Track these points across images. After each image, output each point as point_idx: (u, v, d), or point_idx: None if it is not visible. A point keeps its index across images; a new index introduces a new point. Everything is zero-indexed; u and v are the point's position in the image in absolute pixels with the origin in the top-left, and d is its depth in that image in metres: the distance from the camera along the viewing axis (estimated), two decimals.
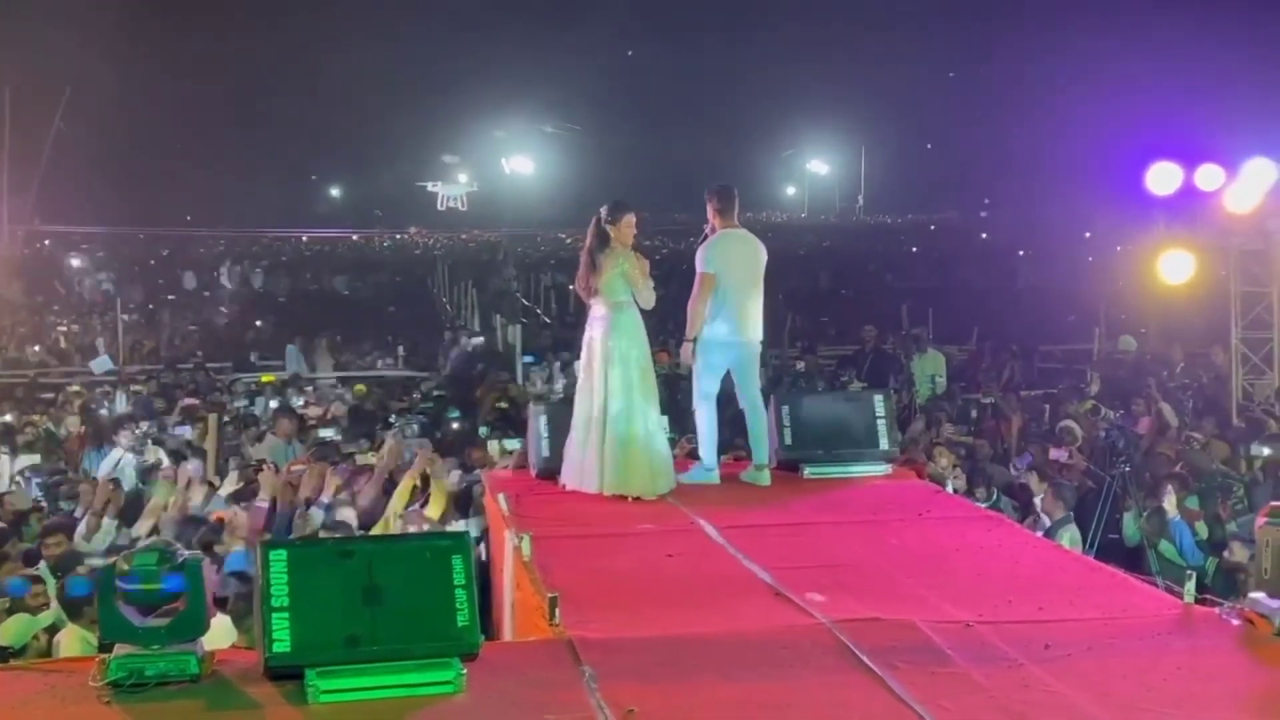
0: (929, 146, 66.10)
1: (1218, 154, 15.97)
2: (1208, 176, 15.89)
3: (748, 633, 6.26)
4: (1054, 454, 12.92)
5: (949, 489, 10.00)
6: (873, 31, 70.72)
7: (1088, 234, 43.22)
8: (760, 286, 9.87)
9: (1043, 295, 30.93)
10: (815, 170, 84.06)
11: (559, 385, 19.55)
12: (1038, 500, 11.38)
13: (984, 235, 53.64)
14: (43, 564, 9.48)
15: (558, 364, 21.24)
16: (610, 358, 9.29)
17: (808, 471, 9.80)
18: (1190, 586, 6.58)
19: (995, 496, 11.47)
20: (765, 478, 9.71)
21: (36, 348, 25.54)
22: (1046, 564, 7.53)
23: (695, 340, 9.68)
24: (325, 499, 10.87)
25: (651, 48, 73.56)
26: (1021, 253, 43.99)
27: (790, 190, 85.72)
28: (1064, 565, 7.52)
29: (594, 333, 9.40)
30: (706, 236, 9.81)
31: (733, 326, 9.72)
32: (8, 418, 17.09)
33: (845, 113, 72.97)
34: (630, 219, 9.43)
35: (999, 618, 6.38)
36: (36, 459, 14.37)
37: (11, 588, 8.44)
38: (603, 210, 9.46)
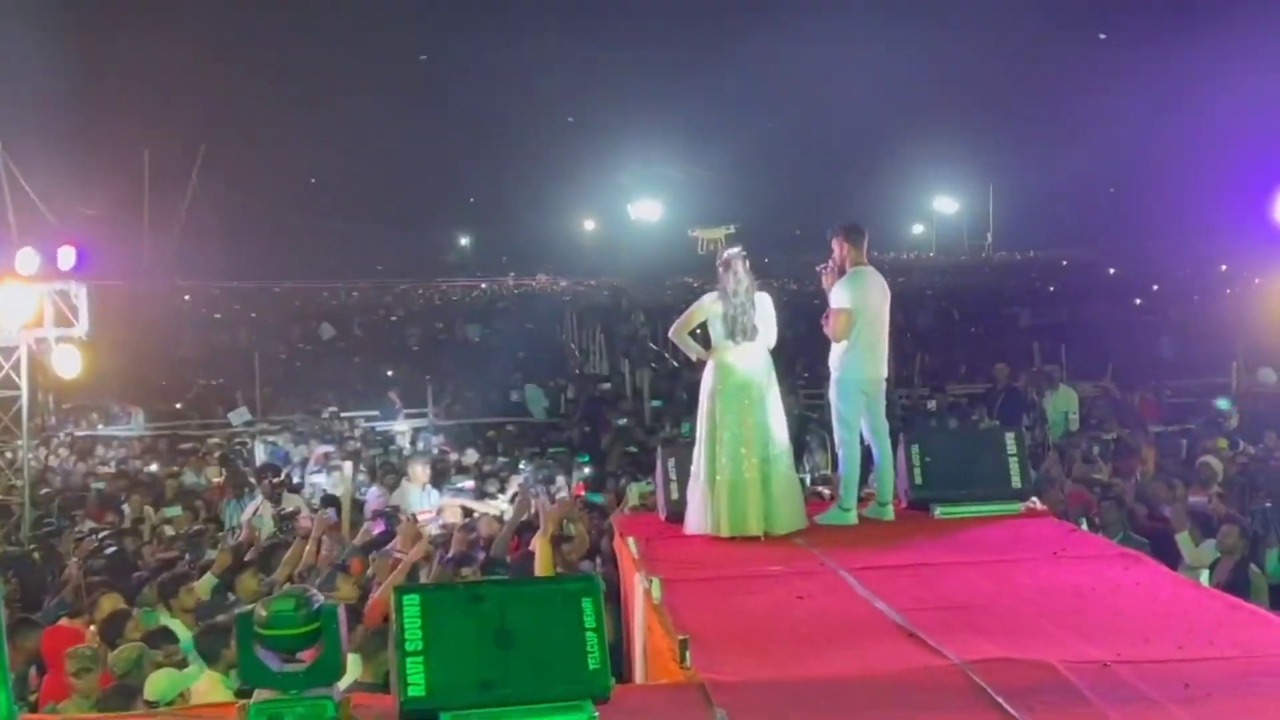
0: (1058, 194, 65.28)
1: None
2: None
3: (880, 675, 6.22)
4: (1193, 499, 12.44)
5: (1084, 526, 9.83)
6: (996, 70, 70.23)
7: (1223, 266, 42.41)
8: (887, 323, 9.89)
9: (1178, 329, 30.37)
10: (942, 209, 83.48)
11: (685, 429, 19.57)
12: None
13: (1112, 270, 52.72)
14: (166, 616, 9.64)
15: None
16: (752, 397, 9.35)
17: (939, 511, 9.71)
18: None
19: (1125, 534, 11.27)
20: (888, 513, 9.69)
21: (179, 405, 26.08)
22: (1186, 602, 7.37)
23: (838, 379, 9.73)
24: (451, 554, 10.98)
25: (778, 90, 73.66)
26: (1156, 287, 43.24)
27: (918, 229, 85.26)
28: (1204, 603, 7.35)
29: (741, 375, 9.41)
30: (826, 269, 9.83)
31: (870, 364, 9.75)
32: (152, 468, 17.51)
33: (972, 150, 72.45)
34: None
35: (1137, 657, 6.27)
36: (178, 510, 14.69)
37: None
38: (741, 249, 9.53)
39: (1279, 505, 11.70)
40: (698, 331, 9.71)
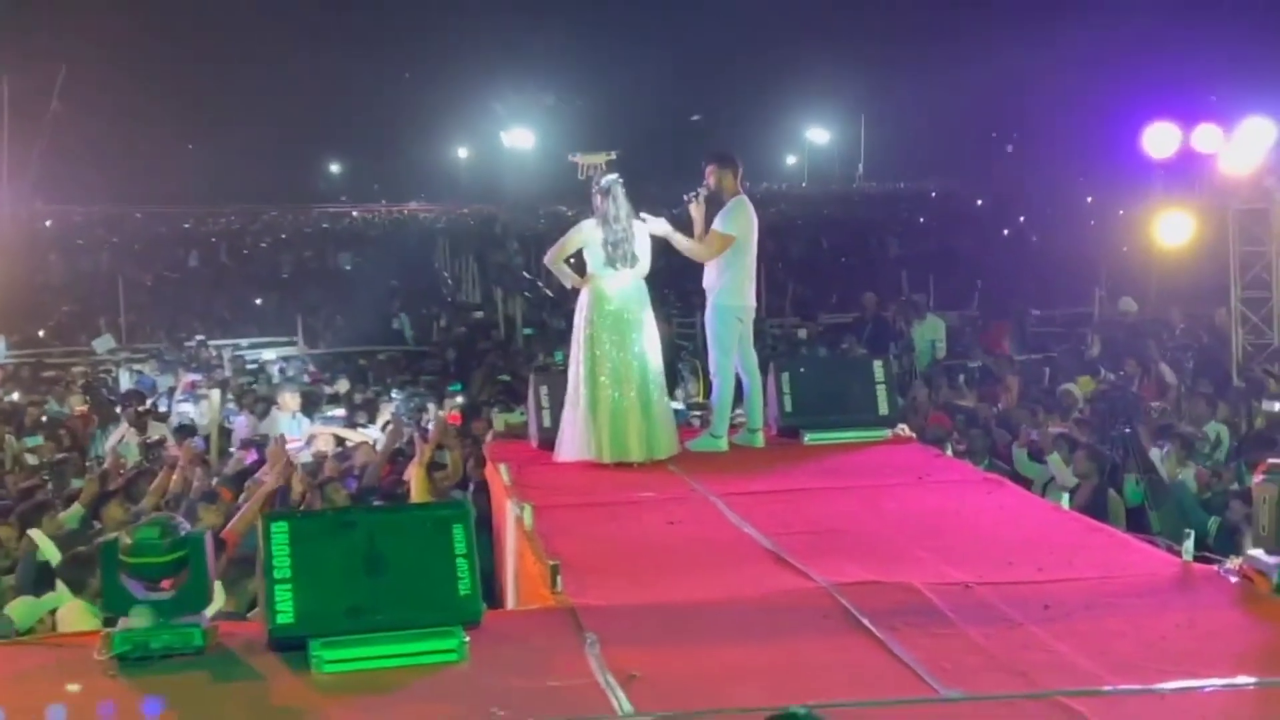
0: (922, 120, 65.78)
1: (1215, 113, 15.91)
2: (1205, 136, 15.83)
3: (748, 598, 6.30)
4: (1055, 430, 12.66)
5: (948, 452, 10.00)
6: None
7: (1090, 198, 43.09)
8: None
9: (1044, 259, 30.85)
10: (815, 140, 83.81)
11: (559, 356, 19.55)
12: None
13: (980, 202, 53.34)
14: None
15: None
16: (630, 324, 9.38)
17: (808, 438, 9.85)
18: (1189, 545, 6.58)
19: (989, 460, 11.50)
20: (758, 440, 9.81)
21: (41, 333, 25.49)
22: (1046, 525, 7.56)
23: (716, 305, 9.80)
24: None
25: (651, 18, 73.37)
26: (1023, 218, 43.83)
27: (791, 159, 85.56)
28: (1063, 525, 7.54)
29: (618, 303, 9.42)
30: (696, 196, 9.81)
31: (747, 291, 9.84)
32: (14, 397, 17.13)
33: (844, 81, 72.71)
34: None
35: (998, 579, 6.42)
36: (40, 440, 14.39)
37: None
38: (619, 176, 9.53)
39: (1137, 432, 11.97)
40: (571, 260, 9.69)
